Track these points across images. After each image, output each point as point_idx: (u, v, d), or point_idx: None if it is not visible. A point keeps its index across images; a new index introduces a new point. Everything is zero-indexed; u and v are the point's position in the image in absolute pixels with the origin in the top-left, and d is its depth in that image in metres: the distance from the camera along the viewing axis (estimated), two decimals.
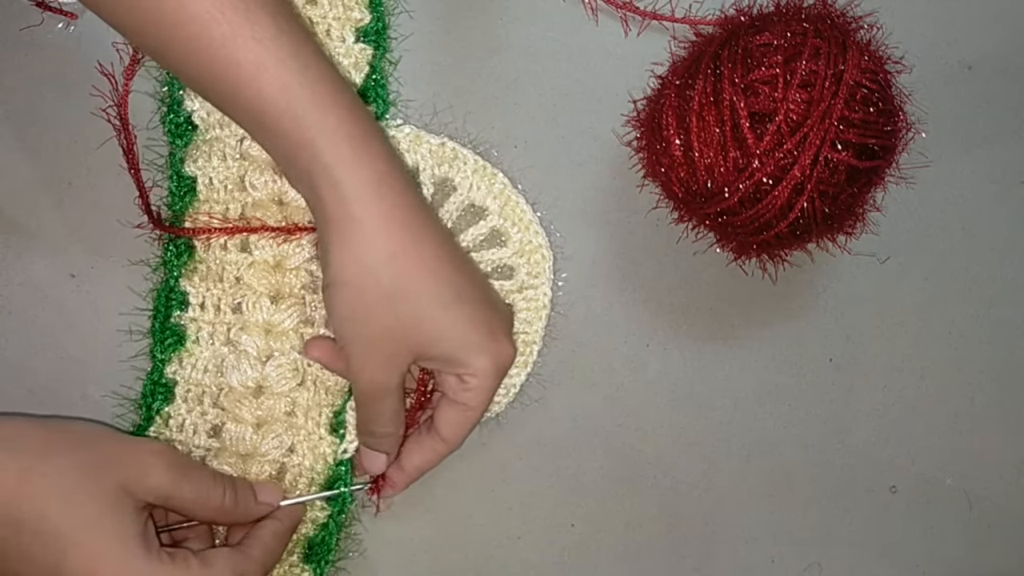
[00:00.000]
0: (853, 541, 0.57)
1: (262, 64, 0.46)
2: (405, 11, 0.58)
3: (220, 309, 0.54)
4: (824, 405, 0.58)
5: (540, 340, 0.56)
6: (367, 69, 0.57)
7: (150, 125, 0.56)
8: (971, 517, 0.57)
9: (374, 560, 0.55)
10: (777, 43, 0.50)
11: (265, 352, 0.54)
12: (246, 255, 0.54)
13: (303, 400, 0.54)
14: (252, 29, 0.46)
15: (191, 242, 0.54)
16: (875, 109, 0.50)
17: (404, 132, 0.57)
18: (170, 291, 0.54)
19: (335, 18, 0.57)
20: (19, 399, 0.54)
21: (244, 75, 0.46)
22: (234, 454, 0.53)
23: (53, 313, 0.55)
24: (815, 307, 0.58)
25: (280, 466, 0.54)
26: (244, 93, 0.47)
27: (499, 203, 0.57)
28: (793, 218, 0.50)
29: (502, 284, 0.56)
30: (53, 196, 0.56)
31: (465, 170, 0.57)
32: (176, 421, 0.53)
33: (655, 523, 0.56)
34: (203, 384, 0.54)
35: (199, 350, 0.54)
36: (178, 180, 0.55)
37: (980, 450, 0.58)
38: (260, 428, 0.53)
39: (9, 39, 0.56)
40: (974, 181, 0.60)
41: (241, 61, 0.46)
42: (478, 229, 0.57)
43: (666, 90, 0.54)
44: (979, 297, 0.59)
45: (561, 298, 0.57)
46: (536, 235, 0.57)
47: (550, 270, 0.57)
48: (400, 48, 0.58)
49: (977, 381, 0.58)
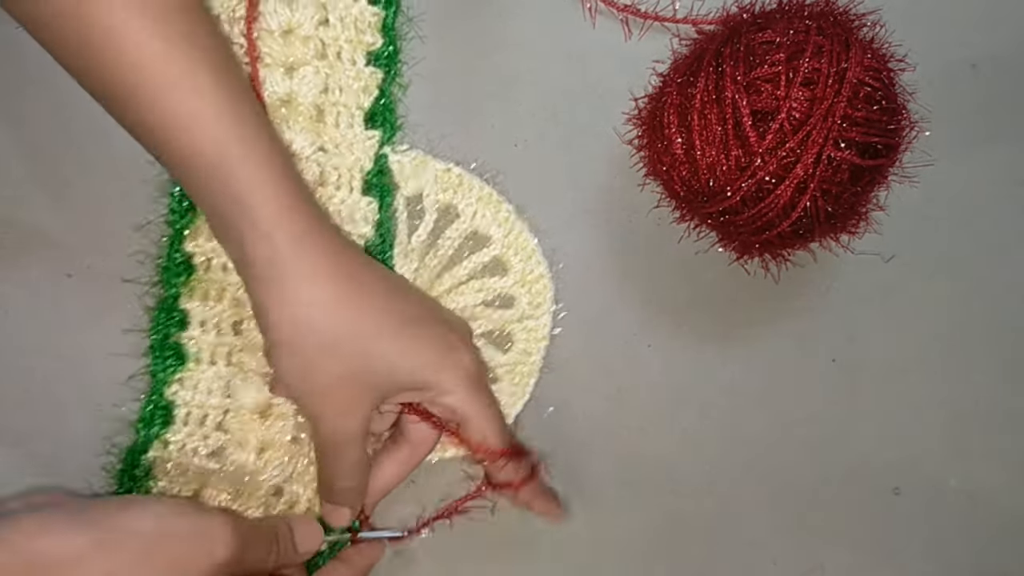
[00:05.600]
0: (856, 543, 0.56)
1: (197, 116, 0.46)
2: (417, 36, 0.58)
3: (220, 329, 0.54)
4: (827, 406, 0.57)
5: (538, 371, 0.56)
6: (376, 93, 0.56)
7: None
8: (975, 519, 0.57)
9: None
10: (780, 41, 0.50)
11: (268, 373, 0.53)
12: None
13: (307, 426, 0.53)
14: (192, 81, 0.46)
15: (190, 261, 0.54)
16: (878, 107, 0.49)
17: (410, 157, 0.57)
18: (170, 310, 0.54)
19: (347, 40, 0.56)
20: (16, 399, 0.54)
21: (178, 126, 0.46)
22: (233, 478, 0.52)
23: (50, 313, 0.55)
24: (818, 307, 0.58)
25: (277, 490, 0.53)
26: (176, 144, 0.47)
27: (503, 231, 0.57)
28: (796, 217, 0.50)
29: (502, 313, 0.56)
30: (51, 196, 0.55)
31: (470, 197, 0.57)
32: (176, 444, 0.53)
33: (656, 524, 0.56)
34: (206, 406, 0.53)
35: (201, 370, 0.54)
36: (180, 198, 0.54)
37: (984, 451, 0.58)
38: (263, 452, 0.53)
39: (6, 38, 0.56)
40: (978, 179, 0.60)
41: (177, 112, 0.46)
42: (480, 256, 0.56)
43: (668, 88, 0.53)
44: (983, 296, 0.59)
45: (562, 298, 0.57)
46: (538, 265, 0.57)
47: (551, 301, 0.56)
48: (410, 73, 0.58)
49: (981, 381, 0.58)
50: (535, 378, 0.56)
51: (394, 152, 0.56)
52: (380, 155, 0.56)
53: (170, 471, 0.53)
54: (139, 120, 0.47)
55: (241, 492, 0.52)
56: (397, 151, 0.57)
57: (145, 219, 0.55)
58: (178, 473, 0.53)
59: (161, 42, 0.46)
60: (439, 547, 0.55)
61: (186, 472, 0.53)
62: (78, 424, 0.54)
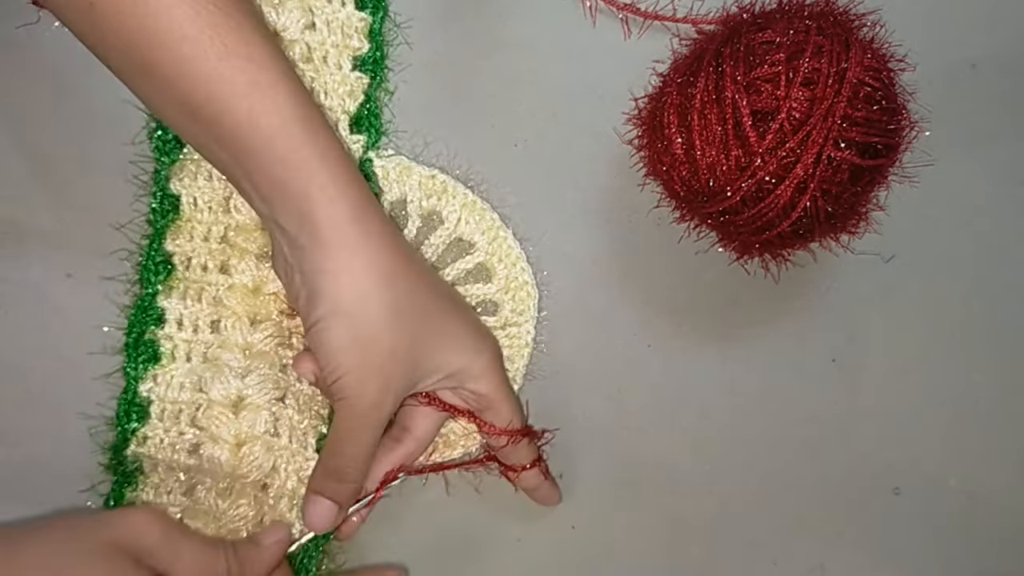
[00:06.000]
0: (856, 543, 0.56)
1: (256, 84, 0.46)
2: (405, 42, 0.58)
3: (198, 328, 0.54)
4: (827, 406, 0.57)
5: (521, 379, 0.56)
6: (362, 98, 0.56)
7: (137, 140, 0.55)
8: (975, 518, 0.57)
9: (373, 562, 0.54)
10: (780, 41, 0.50)
11: (245, 369, 0.53)
12: (226, 277, 0.54)
13: (286, 418, 0.53)
14: (247, 49, 0.46)
15: (169, 259, 0.54)
16: (878, 107, 0.49)
17: (394, 163, 0.57)
18: (146, 308, 0.54)
19: (333, 45, 0.56)
20: (15, 399, 0.54)
21: (237, 94, 0.45)
22: (213, 475, 0.52)
23: (49, 313, 0.55)
24: (818, 307, 0.58)
25: (262, 487, 0.53)
26: (235, 113, 0.46)
27: (487, 239, 0.57)
28: (796, 217, 0.49)
29: (486, 320, 0.56)
30: (50, 195, 0.55)
31: (454, 204, 0.57)
32: (153, 441, 0.53)
33: (656, 525, 0.56)
34: (179, 402, 0.53)
35: (175, 367, 0.54)
36: (162, 197, 0.54)
37: (984, 451, 0.57)
38: (240, 448, 0.52)
39: (5, 37, 0.56)
40: (978, 179, 0.60)
41: (235, 81, 0.45)
42: (464, 263, 0.56)
43: (668, 88, 0.53)
44: (983, 296, 0.59)
45: (562, 298, 0.57)
46: (522, 272, 0.57)
47: (535, 308, 0.56)
48: (396, 79, 0.58)
49: (981, 381, 0.58)
50: (518, 385, 0.56)
51: (378, 157, 0.56)
52: (365, 160, 0.56)
53: (158, 468, 0.53)
54: (192, 93, 0.46)
55: (230, 489, 0.52)
56: (382, 156, 0.57)
57: (127, 220, 0.55)
58: (166, 470, 0.53)
59: (214, 11, 0.45)
60: (439, 547, 0.55)
61: (173, 469, 0.53)
62: (78, 424, 0.54)
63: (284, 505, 0.52)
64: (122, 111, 0.54)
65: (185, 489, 0.52)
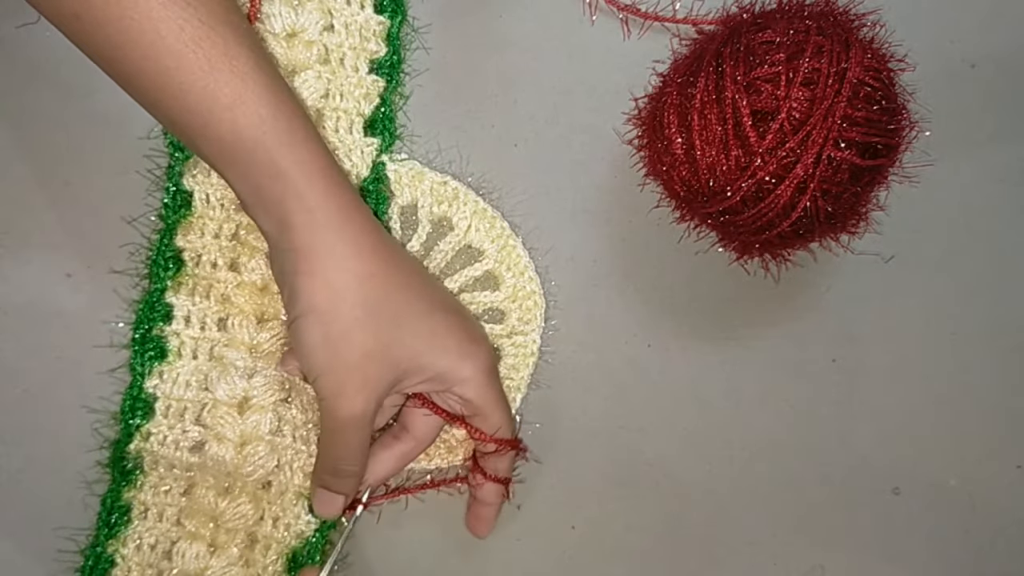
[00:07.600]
0: (856, 543, 0.56)
1: (239, 97, 0.46)
2: (422, 47, 0.58)
3: (205, 325, 0.54)
4: (827, 406, 0.57)
5: (525, 388, 0.56)
6: (377, 101, 0.57)
7: (151, 135, 0.55)
8: (975, 519, 0.57)
9: (374, 563, 0.54)
10: (780, 41, 0.50)
11: (250, 369, 0.53)
12: (235, 274, 0.54)
13: (290, 418, 0.53)
14: (230, 63, 0.46)
15: (179, 255, 0.54)
16: (878, 107, 0.49)
17: (407, 167, 0.57)
18: (154, 303, 0.54)
19: (351, 47, 0.56)
20: (15, 399, 0.54)
21: (219, 107, 0.46)
22: (215, 473, 0.52)
23: (49, 313, 0.55)
24: (818, 307, 0.58)
25: (263, 485, 0.53)
26: (217, 125, 0.47)
27: (496, 247, 0.57)
28: (796, 217, 0.49)
29: (492, 328, 0.56)
30: (50, 195, 0.55)
31: (464, 211, 0.57)
32: (157, 437, 0.53)
33: (656, 525, 0.56)
34: (185, 399, 0.53)
35: (181, 364, 0.54)
36: (175, 193, 0.55)
37: (984, 451, 0.58)
38: (243, 447, 0.53)
39: (5, 37, 0.56)
40: (978, 179, 0.60)
41: (218, 94, 0.46)
42: (472, 270, 0.56)
43: (668, 88, 0.53)
44: (983, 297, 0.59)
45: (562, 298, 0.57)
46: (530, 281, 0.57)
47: (541, 318, 0.56)
48: (413, 83, 0.58)
49: (981, 382, 0.58)
50: (522, 394, 0.56)
51: (391, 161, 0.57)
52: (378, 163, 0.56)
53: (158, 465, 0.53)
54: (176, 103, 0.47)
55: (230, 488, 0.52)
56: (395, 160, 0.57)
57: (139, 215, 0.55)
58: (166, 468, 0.53)
59: (199, 25, 0.46)
60: (439, 547, 0.55)
61: (173, 468, 0.53)
62: (78, 424, 0.54)
63: (288, 500, 0.53)
64: (122, 111, 0.54)
65: (184, 489, 0.52)
